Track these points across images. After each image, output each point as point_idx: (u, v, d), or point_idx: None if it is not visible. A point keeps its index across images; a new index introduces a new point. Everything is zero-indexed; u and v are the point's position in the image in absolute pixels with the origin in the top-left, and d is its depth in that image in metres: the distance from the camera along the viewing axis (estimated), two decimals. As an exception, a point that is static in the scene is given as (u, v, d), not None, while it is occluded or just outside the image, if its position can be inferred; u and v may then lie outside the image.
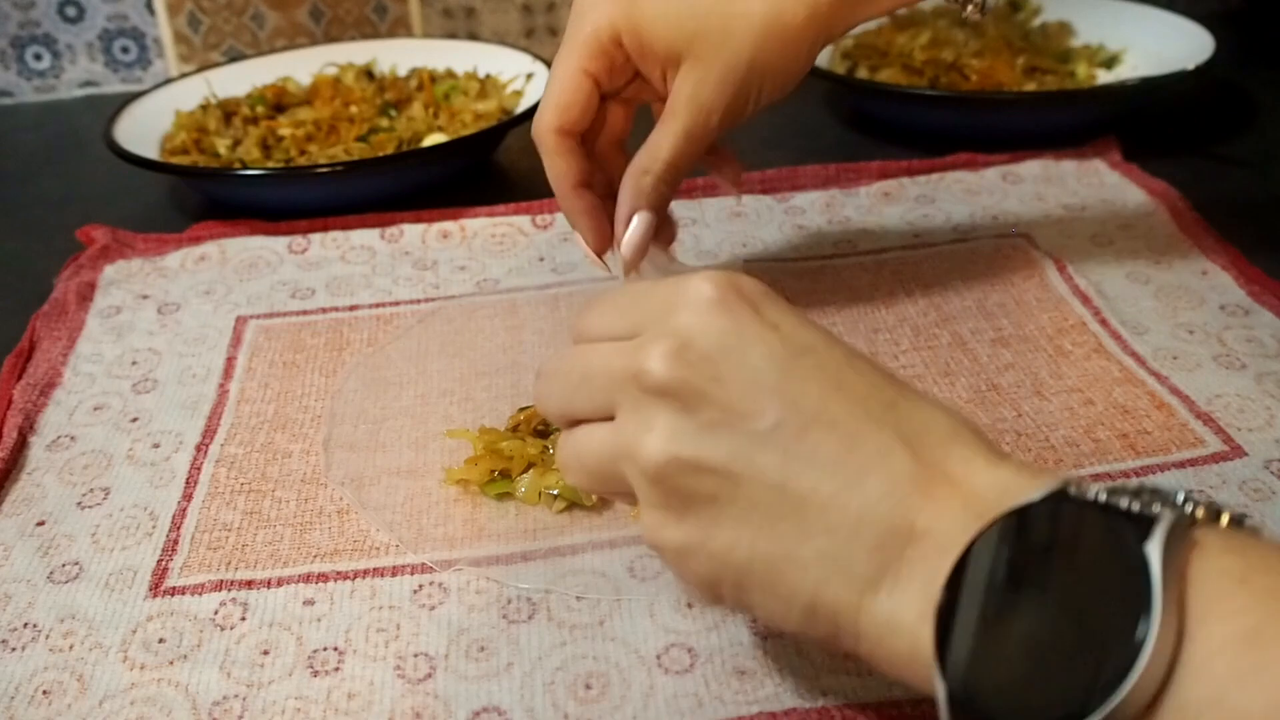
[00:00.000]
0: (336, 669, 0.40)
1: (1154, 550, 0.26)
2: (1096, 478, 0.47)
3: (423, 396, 0.54)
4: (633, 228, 0.50)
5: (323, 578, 0.44)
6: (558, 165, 0.51)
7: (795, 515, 0.31)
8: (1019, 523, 0.28)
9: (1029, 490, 0.29)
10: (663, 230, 0.53)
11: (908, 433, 0.32)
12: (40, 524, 0.48)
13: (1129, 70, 0.85)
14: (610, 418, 0.35)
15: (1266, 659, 0.25)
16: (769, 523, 0.32)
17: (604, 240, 0.52)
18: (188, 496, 0.49)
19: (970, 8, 0.52)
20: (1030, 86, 0.82)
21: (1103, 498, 0.28)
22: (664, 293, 0.35)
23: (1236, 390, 0.51)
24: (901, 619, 0.30)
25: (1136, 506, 0.27)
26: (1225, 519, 0.28)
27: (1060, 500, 0.28)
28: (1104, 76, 0.86)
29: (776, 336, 0.33)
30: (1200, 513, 0.28)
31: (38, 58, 1.00)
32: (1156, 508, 0.27)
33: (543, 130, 0.51)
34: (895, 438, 0.31)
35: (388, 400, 0.54)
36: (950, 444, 0.32)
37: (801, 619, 0.32)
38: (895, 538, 0.30)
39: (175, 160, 0.77)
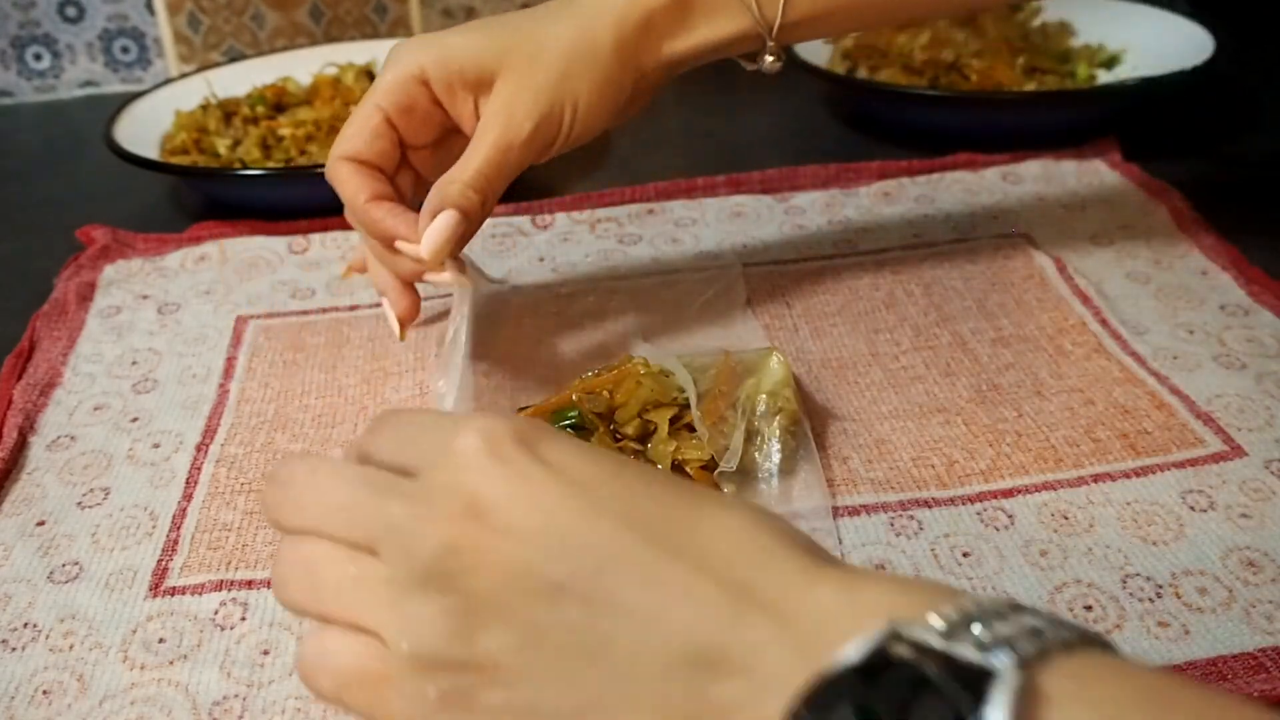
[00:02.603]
0: (336, 669, 0.40)
1: (996, 713, 0.22)
2: (1097, 478, 0.47)
3: (421, 384, 0.55)
4: (435, 222, 0.48)
5: (323, 578, 0.44)
6: (346, 187, 0.50)
7: (602, 665, 0.28)
8: (835, 691, 0.24)
9: (848, 622, 0.26)
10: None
11: (713, 559, 0.28)
12: (40, 524, 0.48)
13: (1129, 70, 0.85)
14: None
15: None
16: (574, 678, 0.28)
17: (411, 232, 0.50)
18: (188, 496, 0.49)
19: (767, 59, 0.53)
20: (1030, 86, 0.82)
21: (934, 643, 0.24)
22: (433, 442, 0.32)
23: (1236, 390, 0.51)
24: None
25: (975, 657, 0.24)
26: (1077, 641, 0.25)
27: (886, 655, 0.24)
28: (1104, 76, 0.86)
29: (560, 478, 0.30)
30: (1050, 643, 0.24)
31: (38, 58, 1.00)
32: (997, 658, 0.23)
33: (330, 161, 0.51)
34: (697, 566, 0.28)
35: (387, 398, 0.54)
36: (761, 563, 0.28)
37: None
38: (709, 675, 0.27)
39: (175, 160, 0.77)
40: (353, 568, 0.31)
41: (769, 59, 0.53)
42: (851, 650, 0.25)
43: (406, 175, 0.53)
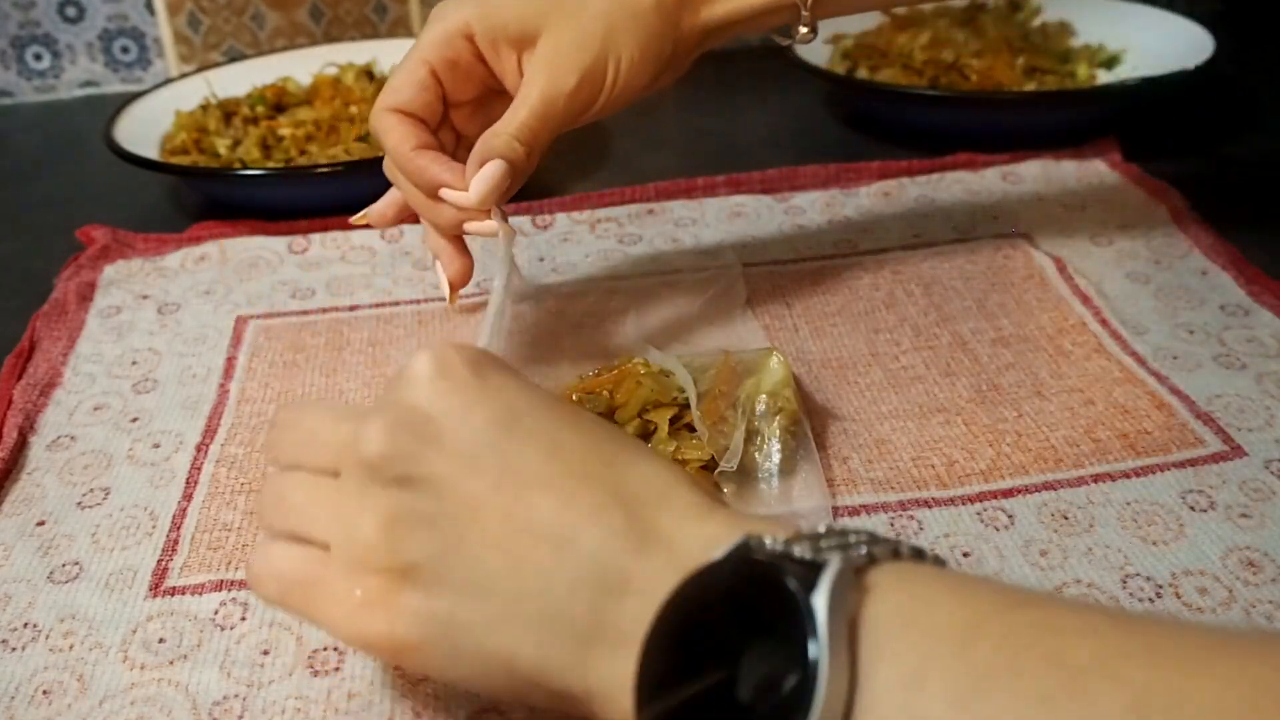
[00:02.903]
0: (336, 669, 0.40)
1: (820, 600, 0.26)
2: (1097, 478, 0.47)
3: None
4: (484, 170, 0.48)
5: (323, 578, 0.44)
6: (391, 136, 0.51)
7: (515, 576, 0.31)
8: (702, 582, 0.28)
9: (728, 544, 0.29)
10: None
11: (623, 491, 0.32)
12: (40, 524, 0.48)
13: (1129, 70, 0.85)
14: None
15: (923, 699, 0.25)
16: (488, 588, 0.31)
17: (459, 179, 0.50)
18: (188, 496, 0.49)
19: (801, 30, 0.54)
20: (1030, 86, 0.82)
21: (779, 548, 0.28)
22: (393, 378, 0.35)
23: (1236, 390, 0.51)
24: (624, 677, 0.29)
25: (809, 554, 0.27)
26: (905, 553, 0.28)
27: (742, 554, 0.28)
28: (1104, 76, 0.86)
29: (497, 401, 0.33)
30: (878, 551, 0.28)
31: (38, 58, 1.00)
32: (829, 555, 0.27)
33: (374, 112, 0.51)
34: (610, 496, 0.31)
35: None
36: (664, 500, 0.32)
37: (526, 682, 0.32)
38: (610, 595, 0.30)
39: (175, 160, 0.77)
40: (314, 487, 0.34)
41: (803, 29, 0.53)
42: (716, 553, 0.29)
43: (448, 132, 0.54)
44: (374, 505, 0.32)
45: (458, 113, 0.54)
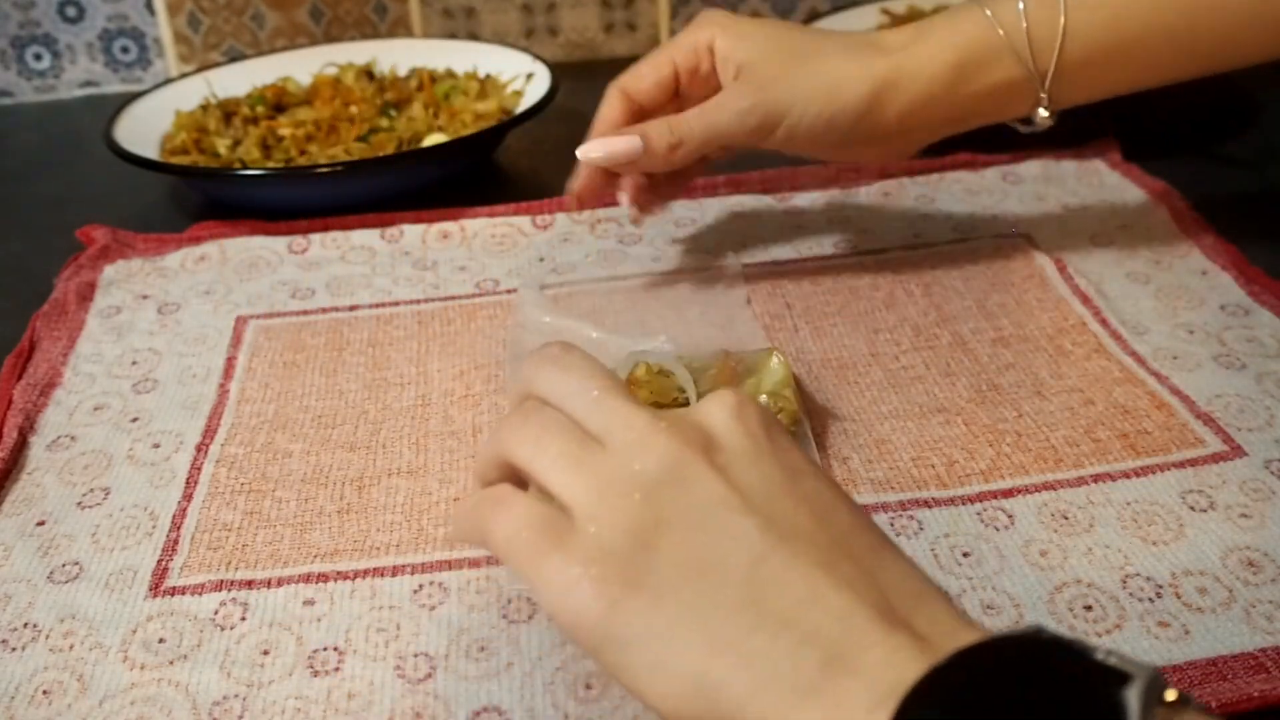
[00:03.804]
0: (336, 669, 0.40)
1: (1133, 698, 0.25)
2: (1097, 478, 0.47)
3: (423, 397, 0.55)
4: (614, 138, 0.56)
5: (323, 578, 0.44)
6: (605, 108, 0.58)
7: (753, 612, 0.30)
8: (990, 656, 0.27)
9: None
10: (655, 198, 0.60)
11: (883, 578, 0.31)
12: (40, 524, 0.48)
13: (1129, 70, 0.85)
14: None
15: None
16: (726, 612, 0.31)
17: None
18: (188, 496, 0.49)
19: (1040, 111, 0.57)
20: (1030, 86, 0.82)
21: (1080, 648, 0.27)
22: (688, 409, 0.36)
23: (1236, 390, 0.51)
24: None
25: (1113, 660, 0.26)
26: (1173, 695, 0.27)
27: (1034, 639, 0.27)
28: (1104, 76, 0.86)
29: (783, 458, 0.34)
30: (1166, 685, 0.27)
31: (38, 58, 1.00)
32: (1135, 669, 0.26)
33: (611, 85, 0.58)
34: (869, 576, 0.31)
35: (388, 400, 0.54)
36: (921, 600, 0.31)
37: (717, 714, 0.30)
38: (841, 664, 0.29)
39: (175, 160, 0.77)
40: (579, 446, 0.34)
41: (1042, 112, 0.57)
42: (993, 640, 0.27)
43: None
44: (639, 500, 0.32)
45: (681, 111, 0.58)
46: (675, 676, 0.31)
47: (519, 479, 0.36)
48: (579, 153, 0.57)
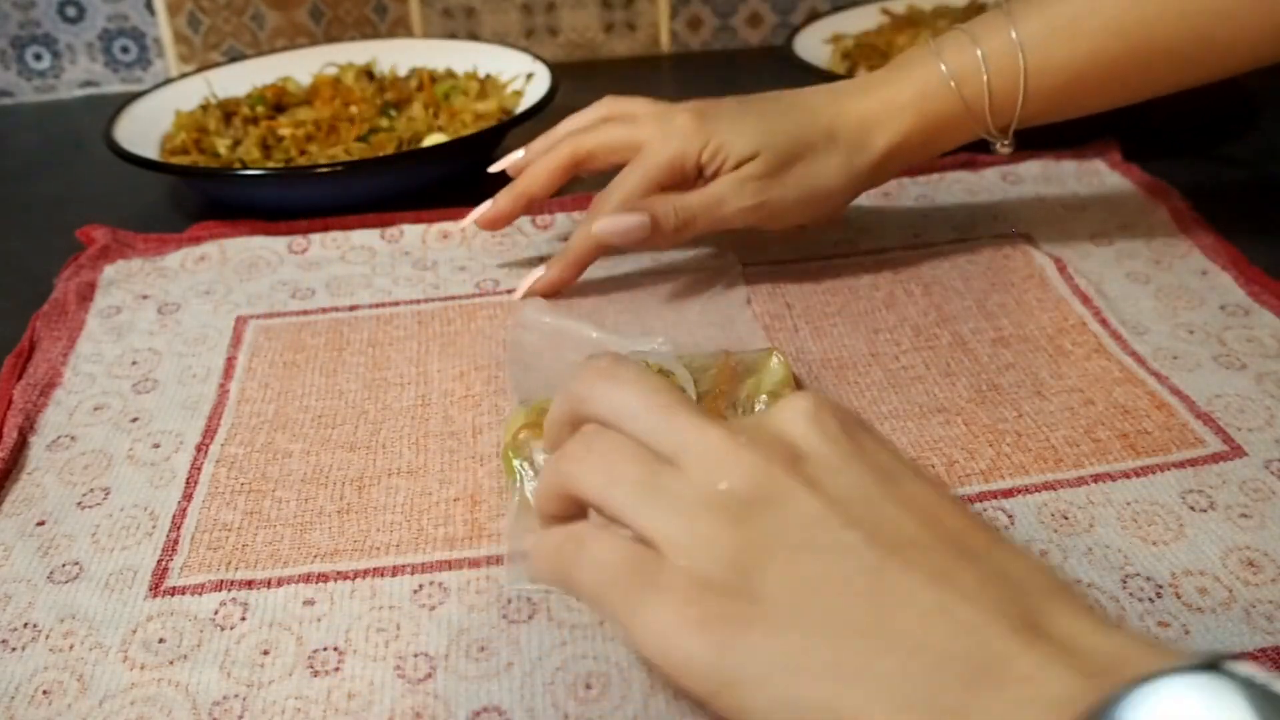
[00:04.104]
0: (336, 669, 0.40)
1: None
2: (1097, 478, 0.47)
3: (423, 397, 0.55)
4: (625, 215, 0.57)
5: (323, 578, 0.44)
6: (548, 161, 0.61)
7: (879, 634, 0.28)
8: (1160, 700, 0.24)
9: (1143, 661, 0.25)
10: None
11: (1008, 576, 0.29)
12: (40, 524, 0.48)
13: (1129, 70, 0.85)
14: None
15: None
16: (842, 640, 0.28)
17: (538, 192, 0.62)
18: (188, 496, 0.49)
19: (1001, 145, 0.60)
20: (1030, 86, 0.82)
21: (1259, 679, 0.24)
22: (761, 414, 0.34)
23: (1236, 390, 0.51)
24: None
25: None
26: None
27: (1213, 673, 0.24)
28: (1104, 76, 0.86)
29: (874, 460, 0.32)
30: None
31: (38, 58, 1.00)
32: None
33: (568, 141, 0.61)
34: (994, 576, 0.29)
35: (388, 400, 0.54)
36: (1054, 596, 0.29)
37: None
38: (986, 679, 0.27)
39: (175, 160, 0.77)
40: (653, 473, 0.32)
41: (1002, 148, 0.60)
42: (1153, 665, 0.24)
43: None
44: (730, 525, 0.30)
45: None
46: (806, 712, 0.28)
47: (582, 509, 0.34)
48: (597, 229, 0.57)
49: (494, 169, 0.65)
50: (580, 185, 0.77)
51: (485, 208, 0.63)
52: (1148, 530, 0.44)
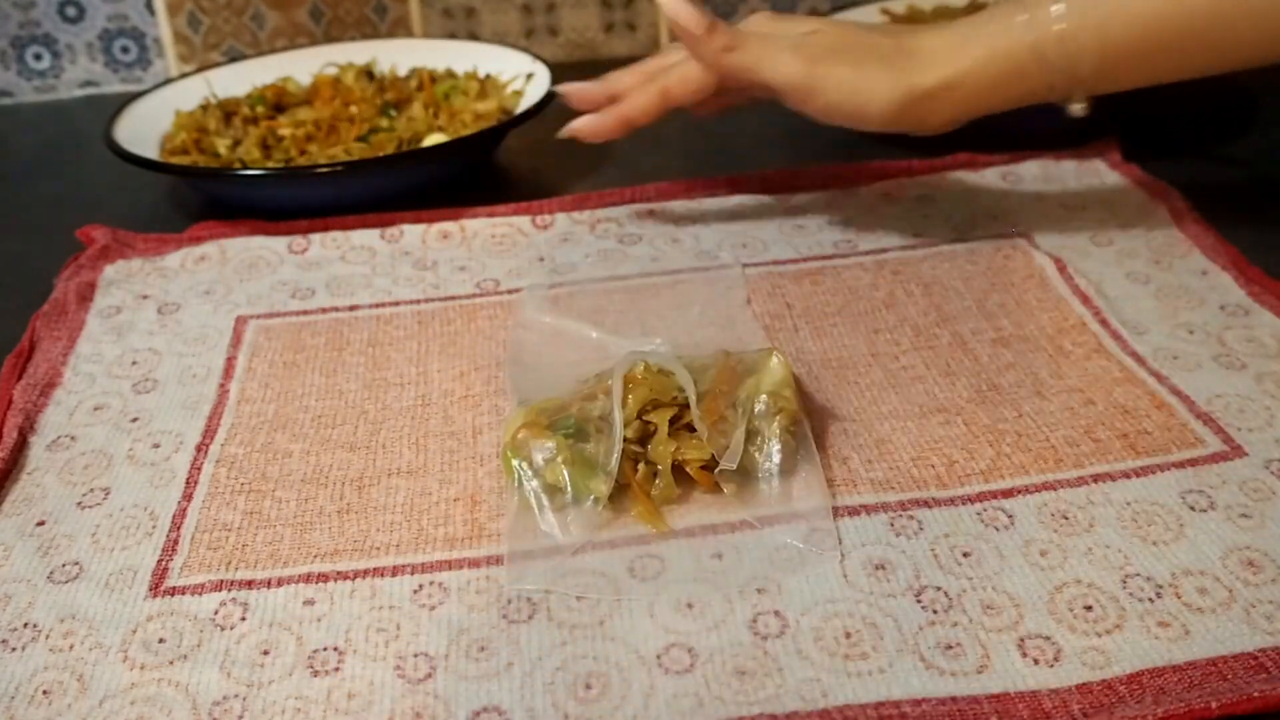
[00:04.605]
0: (336, 669, 0.40)
1: None
2: (1097, 478, 0.47)
3: (423, 397, 0.55)
4: (691, 6, 0.60)
5: (323, 578, 0.44)
6: (637, 99, 0.66)
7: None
8: None
9: None
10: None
11: None
12: (40, 524, 0.48)
13: (1129, 70, 0.85)
14: None
15: None
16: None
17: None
18: (188, 496, 0.49)
19: (1074, 105, 0.59)
20: (1030, 86, 0.82)
21: None
22: None
23: (1236, 390, 0.51)
24: None
25: None
26: None
27: None
28: (1104, 76, 0.86)
29: None
30: None
31: (38, 58, 1.00)
32: None
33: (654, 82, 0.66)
34: None
35: (388, 400, 0.54)
36: None
37: None
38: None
39: (175, 160, 0.77)
40: None
41: (1076, 107, 0.59)
42: None
43: None
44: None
45: None
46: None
47: None
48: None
49: (564, 88, 0.69)
50: (580, 185, 0.77)
51: (590, 119, 0.66)
52: (1148, 530, 0.44)
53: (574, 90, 0.68)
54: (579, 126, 0.66)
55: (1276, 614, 0.40)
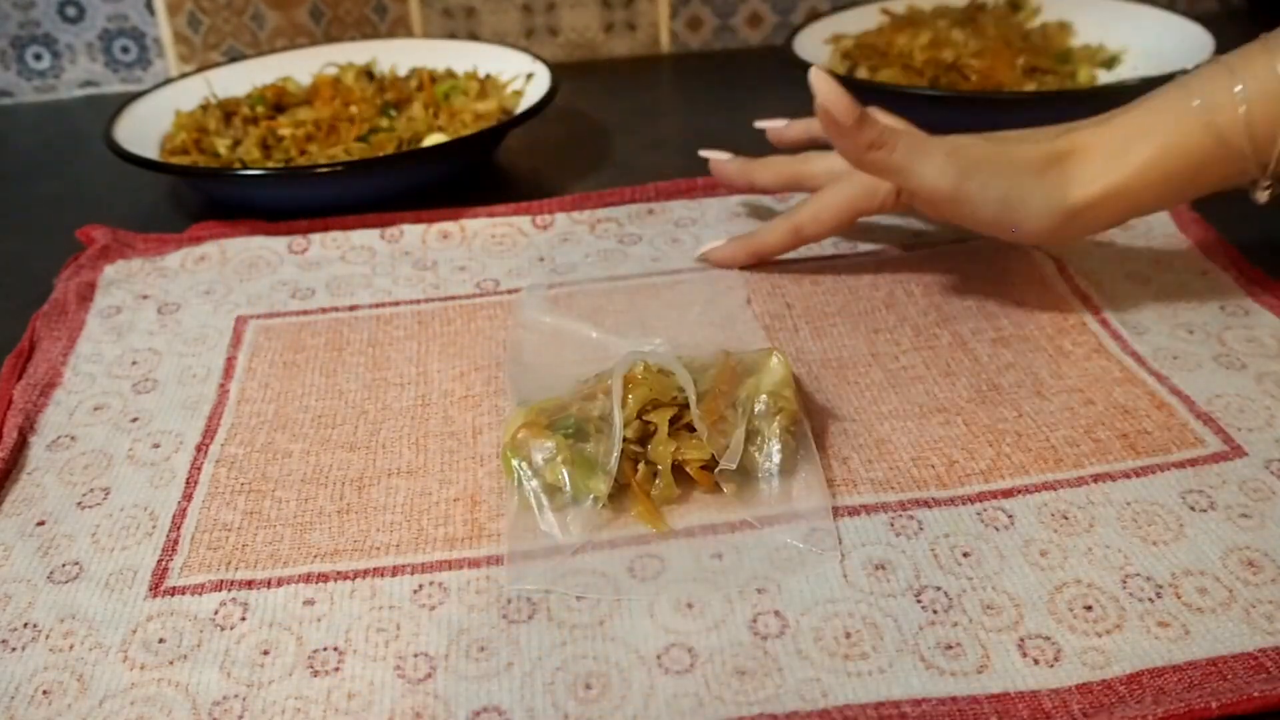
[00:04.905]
0: (336, 669, 0.40)
1: None
2: (1097, 478, 0.47)
3: (423, 397, 0.55)
4: (844, 97, 0.54)
5: (323, 578, 0.44)
6: (769, 237, 0.64)
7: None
8: None
9: None
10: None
11: None
12: (40, 524, 0.48)
13: (1129, 70, 0.85)
14: None
15: None
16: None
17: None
18: (188, 496, 0.49)
19: (1260, 190, 0.54)
20: (1030, 86, 0.82)
21: None
22: None
23: (1236, 390, 0.51)
24: None
25: None
26: None
27: None
28: (1104, 76, 0.86)
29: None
30: None
31: (38, 58, 1.00)
32: None
33: (785, 219, 0.64)
34: None
35: (388, 400, 0.54)
36: None
37: None
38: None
39: (175, 160, 0.77)
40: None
41: (1262, 194, 0.54)
42: None
43: None
44: None
45: None
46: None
47: None
48: (815, 80, 0.54)
49: (710, 155, 0.69)
50: (580, 185, 0.77)
51: (725, 252, 0.65)
52: (1148, 530, 0.44)
53: (714, 163, 0.68)
54: (715, 256, 0.65)
55: (1276, 614, 0.40)
